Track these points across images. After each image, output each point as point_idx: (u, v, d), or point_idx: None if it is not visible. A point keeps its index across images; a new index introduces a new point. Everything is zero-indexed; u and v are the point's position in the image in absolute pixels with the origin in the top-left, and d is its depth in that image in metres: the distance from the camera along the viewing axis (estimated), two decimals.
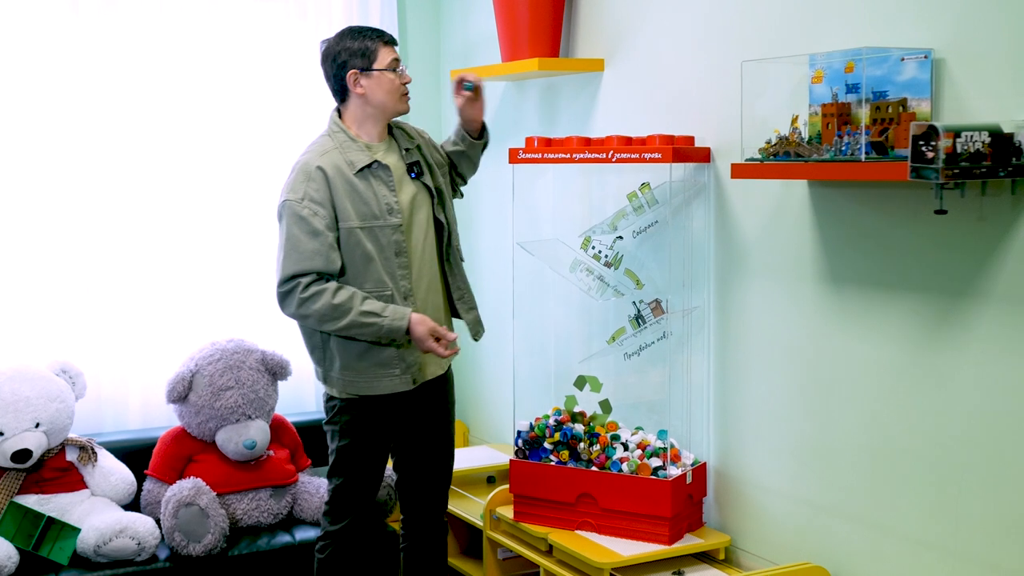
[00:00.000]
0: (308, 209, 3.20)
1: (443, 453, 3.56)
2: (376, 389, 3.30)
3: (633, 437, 3.52)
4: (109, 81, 4.24)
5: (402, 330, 3.18)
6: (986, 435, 2.62)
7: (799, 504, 3.16)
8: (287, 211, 3.23)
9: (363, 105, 3.31)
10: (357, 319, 3.17)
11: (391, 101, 3.31)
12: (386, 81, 3.29)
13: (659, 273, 3.49)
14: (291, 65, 4.51)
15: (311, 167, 3.24)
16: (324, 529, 3.47)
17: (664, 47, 3.58)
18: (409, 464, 3.54)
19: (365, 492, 3.44)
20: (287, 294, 3.23)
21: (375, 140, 3.34)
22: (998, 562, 2.60)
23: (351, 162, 3.25)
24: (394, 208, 3.27)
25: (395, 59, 3.31)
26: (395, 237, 3.26)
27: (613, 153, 3.38)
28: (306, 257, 3.19)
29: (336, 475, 3.42)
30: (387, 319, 3.18)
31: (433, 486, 3.57)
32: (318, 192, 3.21)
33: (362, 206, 3.24)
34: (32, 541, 3.68)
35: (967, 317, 2.64)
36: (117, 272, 4.29)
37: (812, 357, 3.09)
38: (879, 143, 2.65)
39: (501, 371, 4.46)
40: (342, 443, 3.38)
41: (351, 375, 3.30)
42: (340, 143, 3.29)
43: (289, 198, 3.23)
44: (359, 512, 3.43)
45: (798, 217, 3.10)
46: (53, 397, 3.89)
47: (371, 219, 3.24)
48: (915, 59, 2.64)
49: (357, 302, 3.18)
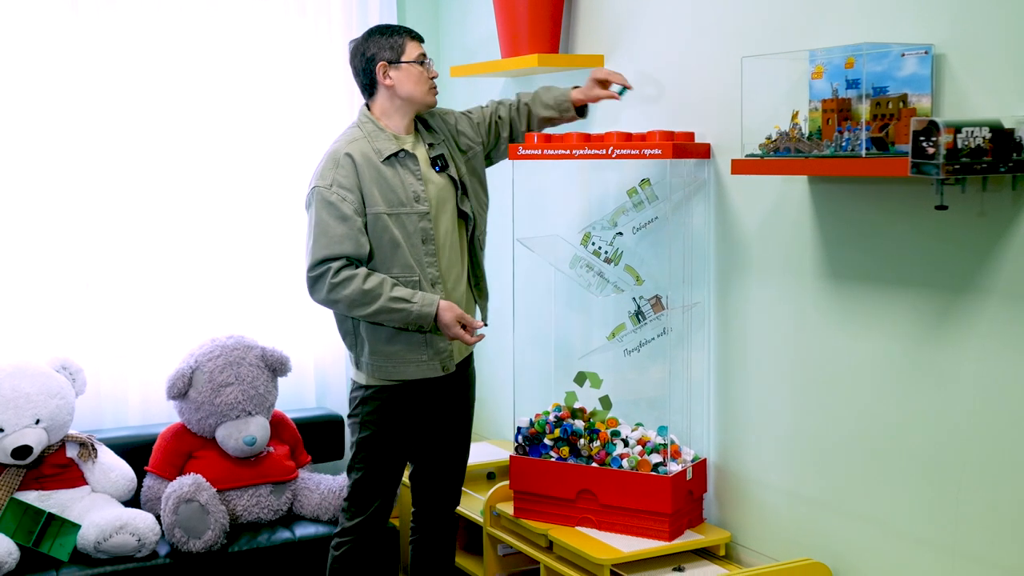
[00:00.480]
0: (337, 195, 3.23)
1: (460, 446, 3.57)
2: (404, 374, 3.31)
3: (633, 433, 3.52)
4: (109, 80, 4.24)
5: (431, 316, 3.20)
6: (986, 431, 2.62)
7: (799, 500, 3.16)
8: (316, 197, 3.26)
9: (391, 97, 3.34)
10: (387, 304, 3.19)
11: (419, 93, 3.35)
12: (415, 73, 3.33)
13: (659, 269, 3.48)
14: (290, 63, 4.51)
15: (339, 154, 3.28)
16: (342, 525, 3.46)
17: (664, 43, 3.58)
18: (426, 456, 3.54)
19: (385, 486, 3.43)
20: (318, 279, 3.23)
21: (402, 132, 3.37)
22: (997, 558, 2.60)
23: (379, 150, 3.29)
24: (421, 196, 3.29)
25: (422, 53, 3.36)
26: (422, 224, 3.28)
27: (613, 149, 3.38)
28: (335, 241, 3.21)
29: (356, 468, 3.42)
30: (416, 305, 3.20)
31: (448, 479, 3.58)
32: (346, 179, 3.24)
33: (389, 193, 3.26)
34: (32, 537, 3.68)
35: (967, 313, 2.64)
36: (117, 268, 4.29)
37: (812, 353, 3.09)
38: (879, 139, 2.65)
39: (501, 367, 4.46)
40: (363, 434, 3.38)
41: (380, 360, 3.31)
42: (368, 132, 3.33)
43: (318, 184, 3.26)
44: (379, 507, 3.43)
45: (798, 213, 3.10)
46: (53, 393, 3.89)
47: (398, 206, 3.26)
48: (915, 55, 2.64)
49: (387, 288, 3.20)
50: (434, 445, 3.53)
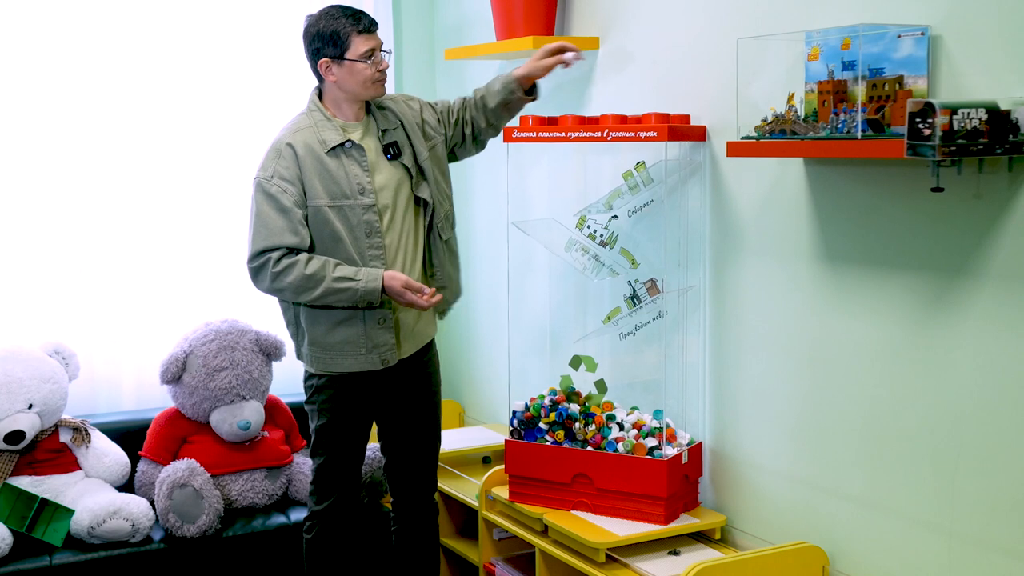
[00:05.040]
0: (277, 186, 3.24)
1: (428, 434, 3.57)
2: (341, 367, 3.33)
3: (629, 417, 3.52)
4: (99, 68, 4.24)
5: (377, 291, 3.20)
6: (982, 413, 2.61)
7: (795, 484, 3.16)
8: (257, 188, 3.28)
9: (336, 90, 3.32)
10: (332, 286, 3.20)
11: (361, 90, 3.31)
12: (358, 70, 3.28)
13: (654, 252, 3.47)
14: (279, 47, 4.47)
15: (281, 144, 3.29)
16: (310, 509, 3.51)
17: (659, 25, 3.56)
18: (394, 446, 3.56)
19: (347, 470, 3.46)
20: (258, 269, 3.26)
21: (351, 120, 3.35)
22: (994, 541, 2.60)
23: (323, 141, 3.27)
24: (366, 188, 3.27)
25: (370, 49, 3.27)
26: (366, 217, 3.27)
27: (608, 132, 3.36)
28: (275, 233, 3.23)
29: (318, 454, 3.46)
30: (360, 282, 3.20)
31: (419, 468, 3.58)
32: (287, 170, 3.25)
33: (332, 185, 3.25)
34: (26, 523, 3.67)
35: (963, 295, 2.63)
36: (110, 252, 4.28)
37: (808, 336, 3.08)
38: (875, 120, 2.63)
39: (496, 351, 4.46)
40: (321, 422, 3.41)
41: (319, 351, 3.34)
42: (316, 121, 3.31)
43: (260, 175, 3.28)
44: (342, 491, 3.47)
45: (794, 195, 3.09)
46: (46, 378, 3.88)
47: (341, 198, 3.26)
48: (912, 36, 2.62)
49: (330, 269, 3.21)
50: (400, 435, 3.54)
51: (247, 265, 3.29)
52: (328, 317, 3.30)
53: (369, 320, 3.29)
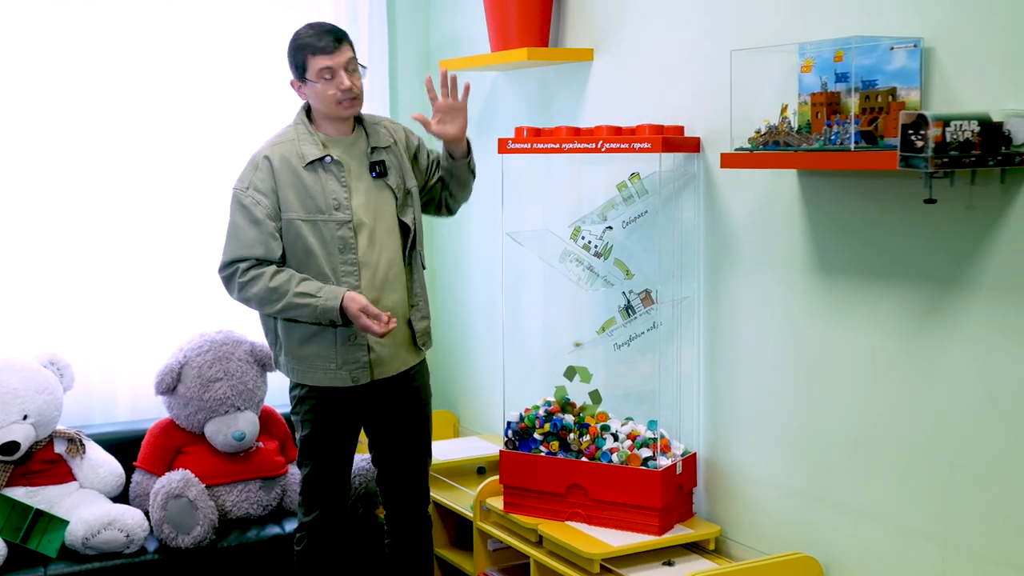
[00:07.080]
0: (251, 198, 3.27)
1: (418, 448, 3.55)
2: (312, 379, 3.35)
3: (623, 427, 3.52)
4: (95, 75, 4.23)
5: (336, 309, 3.19)
6: (976, 424, 2.61)
7: (789, 494, 3.16)
8: (233, 199, 3.32)
9: (314, 107, 3.35)
10: (293, 300, 3.22)
11: (328, 109, 3.31)
12: (318, 91, 3.29)
13: (649, 263, 3.48)
14: (277, 57, 4.46)
15: (259, 156, 3.32)
16: (299, 521, 3.50)
17: (654, 36, 3.57)
18: (384, 459, 3.55)
19: (333, 481, 3.46)
20: (228, 279, 3.30)
21: (335, 135, 3.36)
22: (988, 551, 2.60)
23: (302, 154, 3.29)
24: (342, 204, 3.27)
25: (326, 67, 3.25)
26: (340, 233, 3.27)
27: (602, 143, 3.37)
28: (246, 245, 3.26)
29: (304, 464, 3.46)
30: (321, 299, 3.20)
31: (410, 481, 3.56)
32: (263, 182, 3.27)
33: (307, 199, 3.27)
34: (20, 534, 3.67)
35: (957, 306, 2.63)
36: (105, 263, 4.28)
37: (802, 347, 3.09)
38: (868, 132, 2.64)
39: (491, 362, 4.46)
40: (305, 432, 3.42)
41: (293, 362, 3.36)
42: (299, 135, 3.33)
43: (236, 186, 3.32)
44: (330, 501, 3.46)
45: (788, 207, 3.10)
46: (41, 389, 3.87)
47: (316, 212, 3.27)
48: (904, 48, 2.64)
49: (294, 284, 3.23)
50: (390, 449, 3.53)
51: (218, 274, 3.33)
52: (301, 330, 3.31)
53: (340, 336, 3.29)
